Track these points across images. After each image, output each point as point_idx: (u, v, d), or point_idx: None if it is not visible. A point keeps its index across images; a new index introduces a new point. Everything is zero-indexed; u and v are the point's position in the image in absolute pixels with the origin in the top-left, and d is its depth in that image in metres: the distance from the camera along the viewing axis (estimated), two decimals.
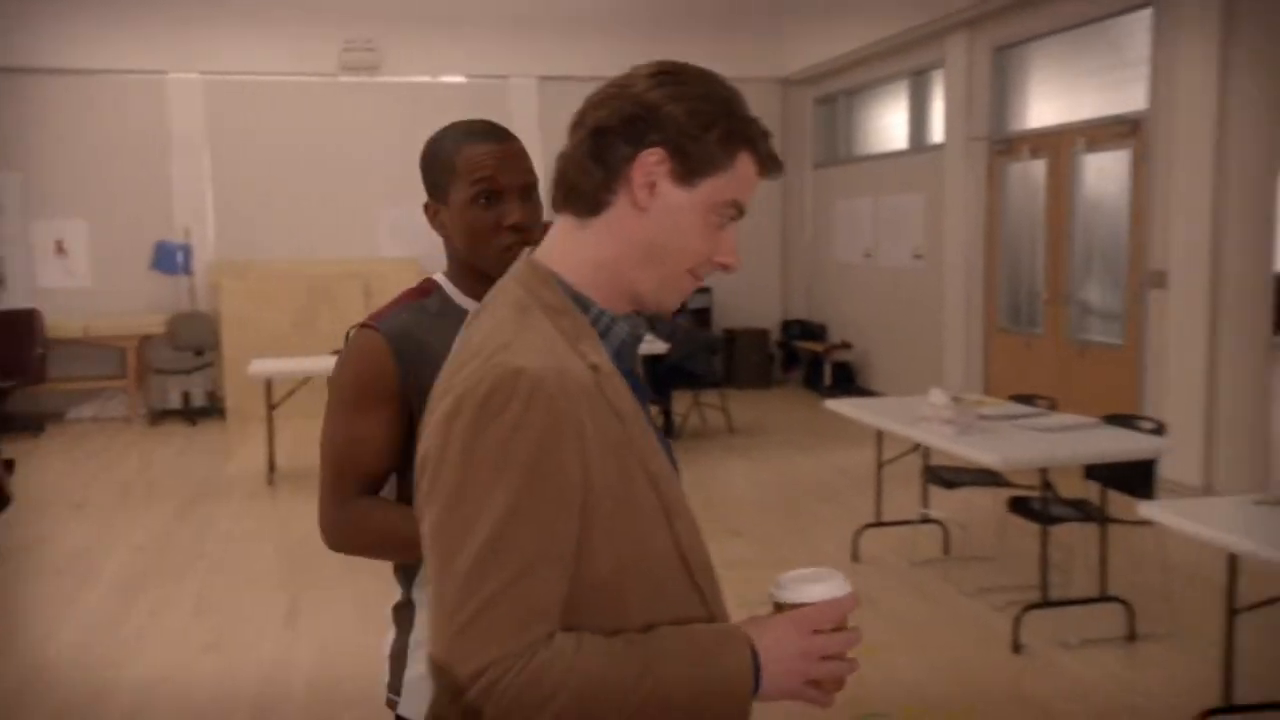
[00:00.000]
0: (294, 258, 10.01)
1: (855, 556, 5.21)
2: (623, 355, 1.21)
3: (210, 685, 3.93)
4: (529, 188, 1.68)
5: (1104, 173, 6.94)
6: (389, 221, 10.28)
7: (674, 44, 10.51)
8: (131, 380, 9.55)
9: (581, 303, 1.19)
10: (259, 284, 9.64)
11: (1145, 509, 3.20)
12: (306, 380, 7.49)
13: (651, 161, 1.16)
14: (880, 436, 5.19)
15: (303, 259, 10.01)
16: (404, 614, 1.74)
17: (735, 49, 10.68)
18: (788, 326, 11.05)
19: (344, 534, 1.68)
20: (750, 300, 11.02)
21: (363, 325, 1.71)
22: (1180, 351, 6.20)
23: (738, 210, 1.20)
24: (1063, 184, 7.26)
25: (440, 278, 1.77)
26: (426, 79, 10.26)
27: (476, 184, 1.65)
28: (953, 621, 4.41)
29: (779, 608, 1.19)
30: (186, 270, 9.59)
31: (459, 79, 10.36)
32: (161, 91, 9.74)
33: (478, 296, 1.65)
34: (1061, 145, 7.24)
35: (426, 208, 1.73)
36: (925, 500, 5.28)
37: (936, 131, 8.84)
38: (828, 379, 10.21)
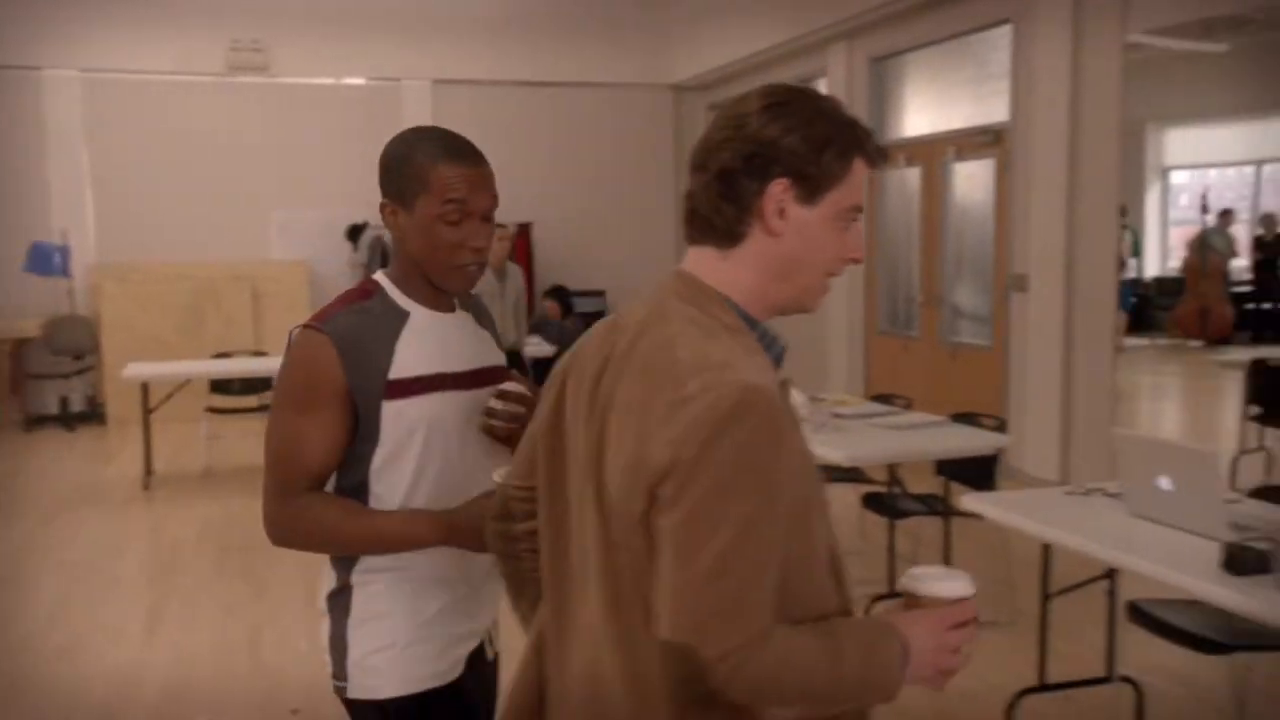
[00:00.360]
0: (179, 260, 9.82)
1: None
2: (777, 367, 1.34)
3: (60, 692, 3.87)
4: (492, 211, 1.75)
5: (972, 180, 7.21)
6: (279, 224, 10.16)
7: (566, 49, 10.62)
8: (4, 385, 9.28)
9: (750, 322, 1.31)
10: (142, 287, 9.44)
11: (969, 501, 3.37)
12: (185, 384, 7.37)
13: (778, 191, 1.27)
14: None
15: (188, 261, 9.83)
16: (340, 599, 1.80)
17: (626, 54, 10.82)
18: None
19: (289, 529, 1.73)
20: None
21: (306, 326, 1.73)
22: (1039, 352, 6.47)
23: (858, 210, 1.33)
24: (935, 191, 7.52)
25: (383, 279, 1.80)
26: (317, 80, 10.17)
27: (449, 204, 1.69)
28: None
29: (914, 599, 1.30)
30: (64, 272, 9.35)
31: (351, 81, 10.29)
32: (37, 87, 9.49)
33: (423, 300, 1.79)
34: (934, 154, 7.49)
35: (384, 208, 1.75)
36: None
37: None
38: None
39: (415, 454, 1.75)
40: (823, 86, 8.88)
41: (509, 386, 1.82)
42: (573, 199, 10.84)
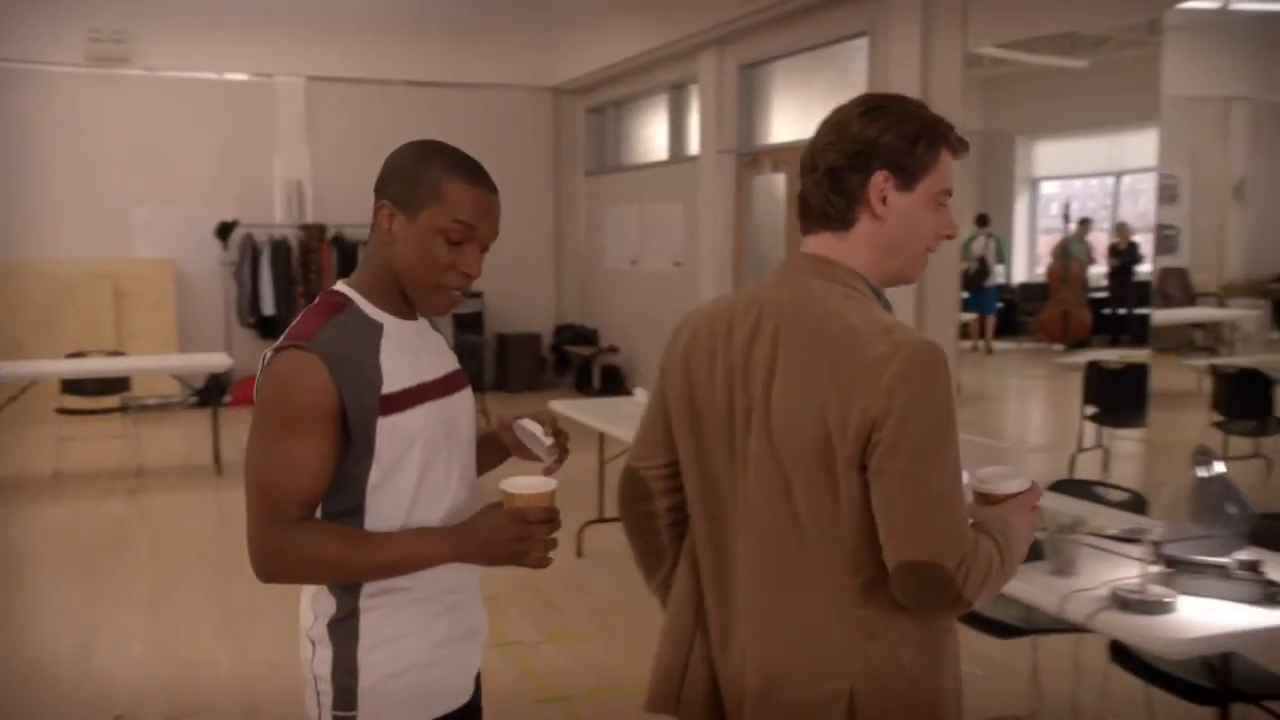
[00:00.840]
0: (35, 257, 9.47)
1: (579, 552, 5.39)
2: None
3: None
4: (490, 244, 1.70)
5: None
6: (144, 221, 9.88)
7: (445, 49, 10.57)
8: None
9: (875, 292, 1.58)
10: None
11: None
12: (32, 384, 7.13)
13: (879, 181, 1.54)
14: (602, 437, 5.38)
15: (45, 258, 9.49)
16: (347, 625, 1.69)
17: (506, 56, 10.82)
18: (560, 331, 11.23)
19: (288, 563, 1.61)
20: (524, 305, 11.14)
21: (290, 346, 1.62)
22: None
23: (948, 193, 1.58)
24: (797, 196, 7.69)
25: (348, 290, 1.70)
26: (185, 74, 9.91)
27: (456, 223, 1.64)
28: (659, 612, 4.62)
29: (988, 498, 1.62)
30: None
31: (221, 76, 10.06)
32: None
33: (392, 310, 1.72)
34: (797, 160, 7.66)
35: (381, 209, 1.66)
36: None
37: (694, 143, 9.20)
38: (597, 382, 10.44)
39: (413, 468, 1.67)
40: (694, 92, 9.02)
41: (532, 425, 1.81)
42: None
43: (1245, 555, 2.45)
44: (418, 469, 1.67)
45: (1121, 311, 12.63)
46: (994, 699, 3.60)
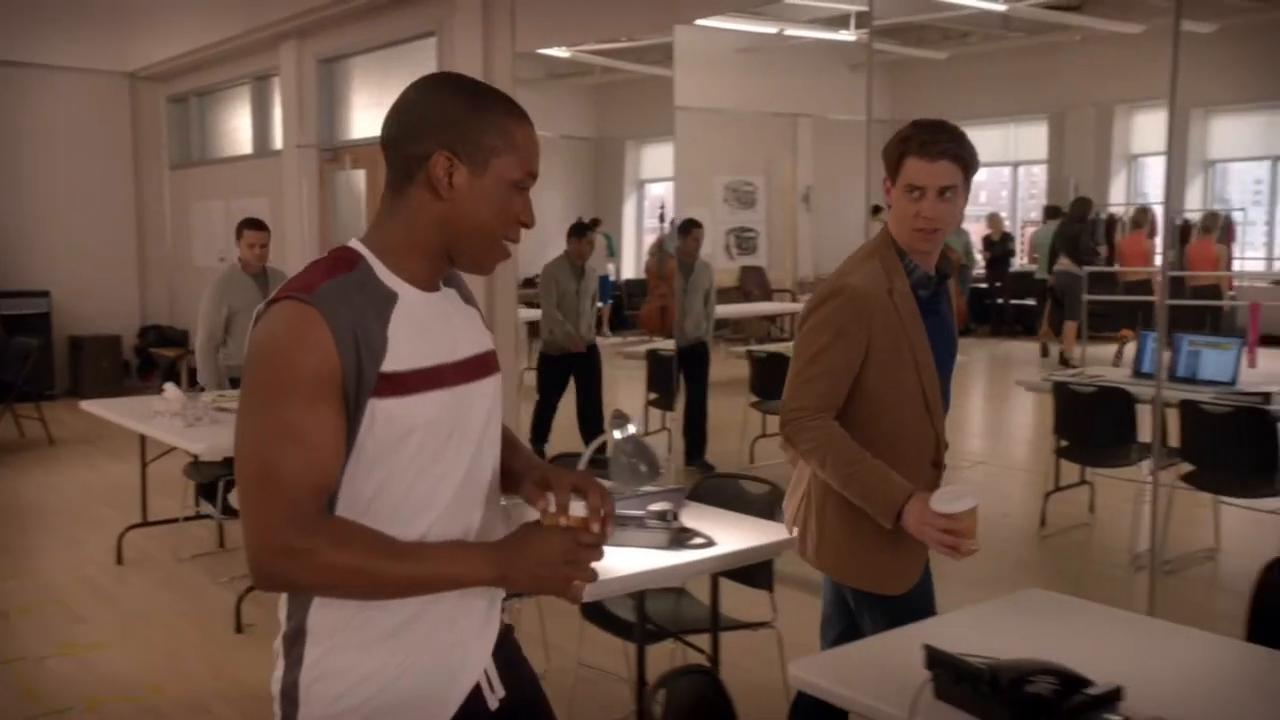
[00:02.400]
0: None
1: (119, 559, 5.10)
2: (918, 285, 2.30)
3: None
4: None
5: None
6: None
7: (11, 28, 9.56)
8: None
9: (901, 254, 2.30)
10: None
11: None
12: None
13: (889, 179, 2.29)
14: (143, 439, 5.13)
15: None
16: (295, 645, 1.44)
17: (78, 38, 9.97)
18: (146, 332, 10.53)
19: (303, 569, 1.33)
20: (101, 306, 10.32)
21: (287, 297, 1.35)
22: None
23: (914, 186, 2.23)
24: (378, 193, 7.69)
25: (363, 249, 1.45)
26: None
27: (529, 173, 1.45)
28: (191, 612, 4.48)
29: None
30: None
31: None
32: None
33: (412, 279, 1.44)
34: (376, 157, 7.66)
35: (439, 159, 1.40)
36: (198, 497, 5.31)
37: (278, 137, 8.95)
38: (185, 384, 9.87)
39: (402, 467, 1.40)
40: (276, 85, 8.79)
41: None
42: (11, 192, 9.79)
43: (658, 507, 2.78)
44: (400, 470, 1.41)
45: (1000, 301, 13.61)
46: None
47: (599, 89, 15.34)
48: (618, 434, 2.71)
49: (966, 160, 2.23)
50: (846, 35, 8.15)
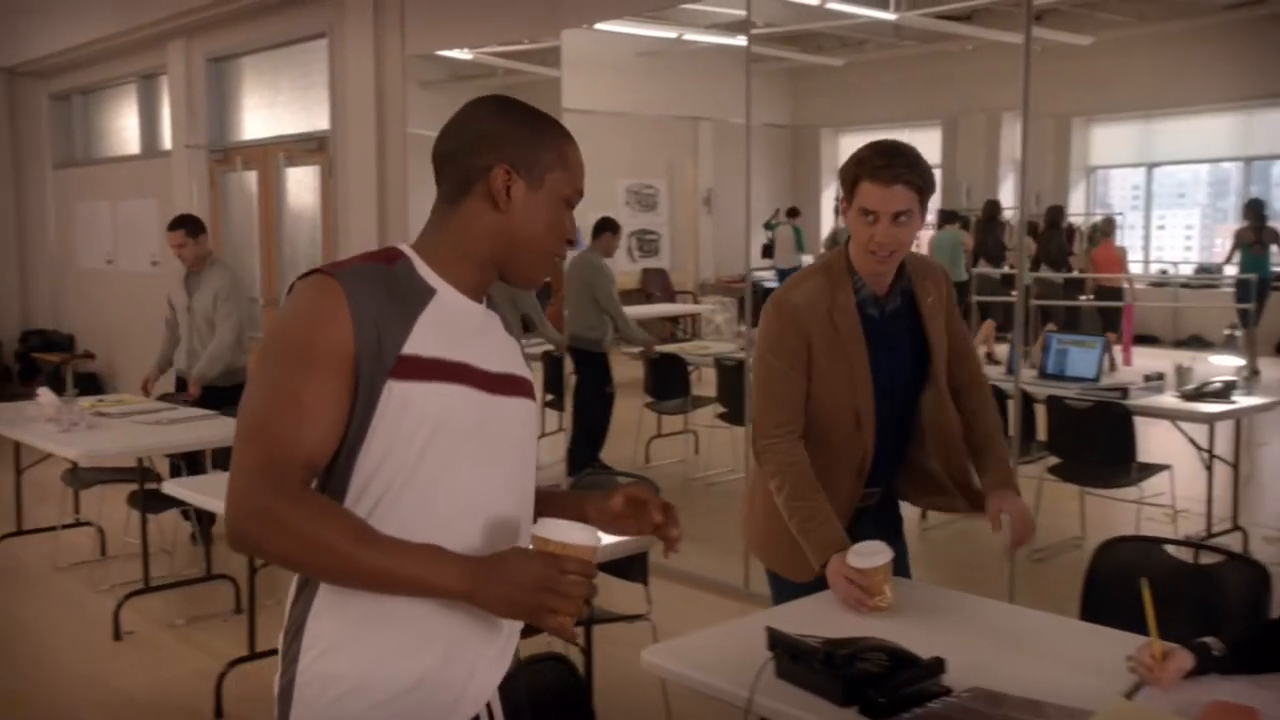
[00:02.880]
0: None
1: None
2: (865, 304, 2.34)
3: None
4: None
5: (302, 185, 7.41)
6: None
7: None
8: None
9: (852, 272, 2.33)
10: None
11: (168, 486, 3.47)
12: None
13: (845, 200, 2.33)
14: (18, 446, 4.99)
15: None
16: (292, 644, 1.41)
17: None
18: (28, 337, 10.20)
19: (275, 533, 1.29)
20: None
21: (315, 271, 1.39)
22: None
23: (868, 210, 2.24)
24: (270, 195, 7.62)
25: (408, 249, 1.48)
26: None
27: (577, 191, 1.51)
28: (66, 622, 4.38)
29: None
30: None
31: None
32: None
33: (459, 286, 1.47)
34: (268, 158, 7.59)
35: (498, 171, 1.45)
36: (77, 503, 5.19)
37: (166, 138, 8.77)
38: (71, 389, 9.59)
39: (409, 460, 1.37)
40: (164, 84, 8.60)
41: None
42: None
43: None
44: (414, 461, 1.37)
45: None
46: None
47: (503, 91, 15.31)
48: None
49: (921, 185, 2.24)
50: (741, 40, 8.30)
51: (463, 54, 13.09)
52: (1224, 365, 5.05)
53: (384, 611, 1.38)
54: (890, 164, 2.21)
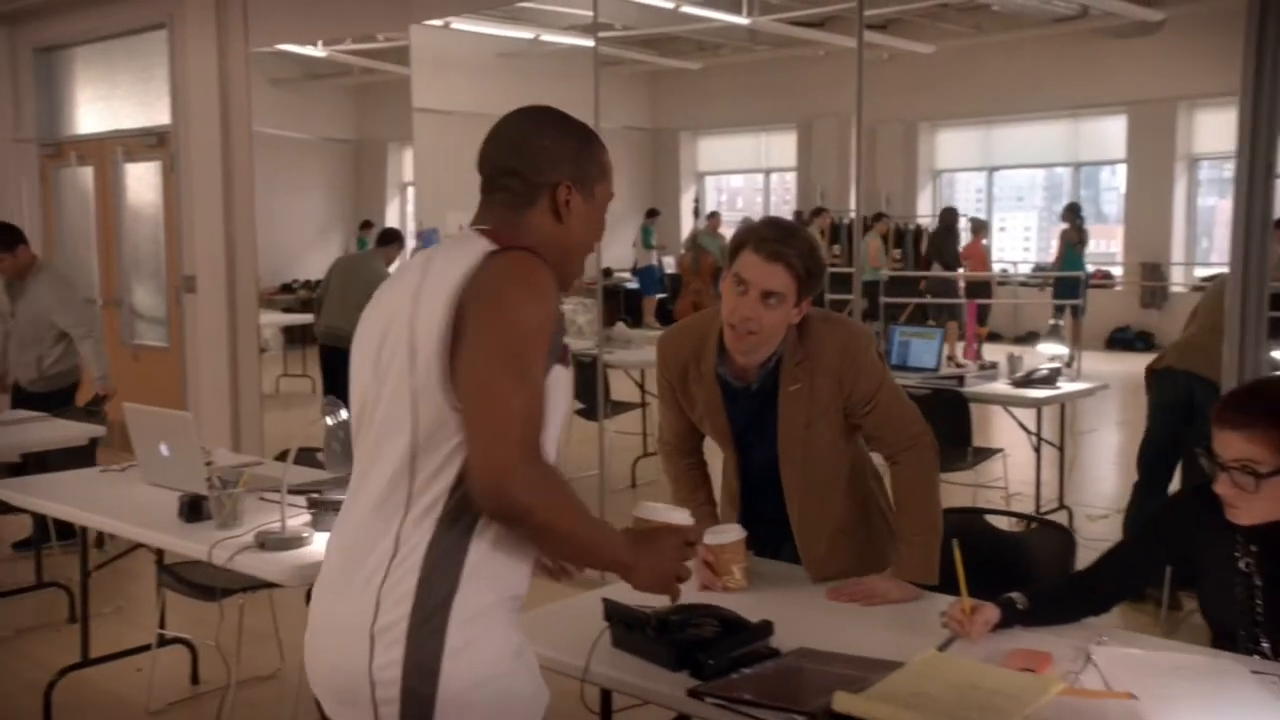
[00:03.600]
0: None
1: None
2: (723, 374, 2.28)
3: None
4: None
5: (142, 181, 7.14)
6: None
7: None
8: None
9: (721, 341, 2.24)
10: None
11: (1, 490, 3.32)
12: None
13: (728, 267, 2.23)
14: None
15: None
16: (432, 619, 1.49)
17: None
18: None
19: (544, 495, 1.44)
20: None
21: (528, 250, 1.54)
22: (208, 351, 6.62)
23: (741, 279, 2.15)
24: (108, 191, 7.32)
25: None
26: None
27: (611, 196, 1.70)
28: None
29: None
30: None
31: None
32: None
33: None
34: (105, 153, 7.29)
35: (560, 188, 1.62)
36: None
37: None
38: None
39: (554, 438, 1.56)
40: None
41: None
42: None
43: None
44: (555, 439, 1.56)
45: None
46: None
47: (359, 90, 15.04)
48: (329, 420, 2.73)
49: (802, 274, 2.12)
50: (589, 42, 8.34)
51: (317, 51, 12.73)
52: (1050, 354, 5.33)
53: (507, 596, 1.56)
54: (778, 240, 2.11)
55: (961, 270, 11.47)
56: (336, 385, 6.35)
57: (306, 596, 3.18)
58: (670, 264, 14.58)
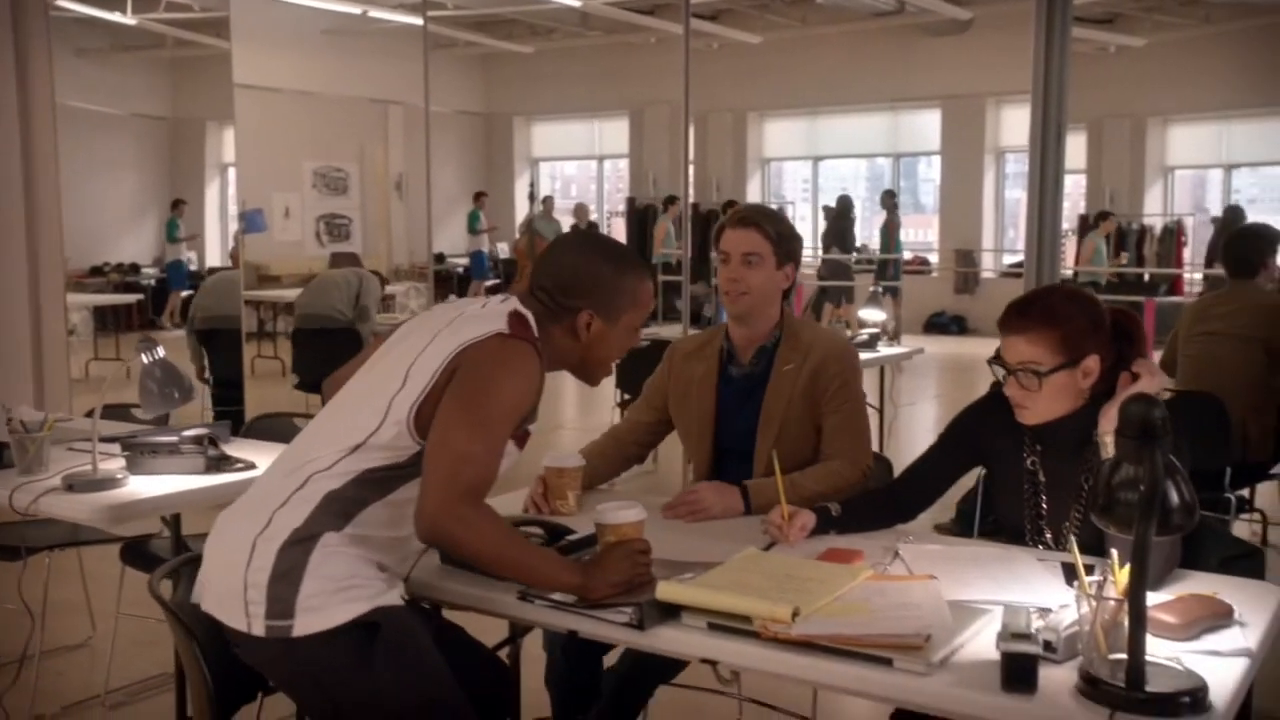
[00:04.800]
0: None
1: None
2: (728, 362, 2.48)
3: None
4: None
5: None
6: None
7: None
8: None
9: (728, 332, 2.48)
10: None
11: None
12: None
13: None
14: None
15: None
16: (301, 548, 1.72)
17: None
18: None
19: (464, 534, 1.69)
20: None
21: (521, 338, 1.78)
22: (8, 335, 6.21)
23: (723, 252, 2.44)
24: None
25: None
26: None
27: (643, 318, 1.93)
28: None
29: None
30: None
31: None
32: None
33: None
34: None
35: (583, 315, 1.86)
36: None
37: None
38: None
39: None
40: None
41: None
42: None
43: (193, 433, 2.71)
44: None
45: None
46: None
47: (174, 64, 14.37)
48: (145, 358, 2.63)
49: (771, 234, 2.38)
50: (415, 20, 8.21)
51: (126, 19, 12.09)
52: (870, 319, 5.59)
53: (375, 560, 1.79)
54: (746, 211, 2.49)
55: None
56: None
57: (123, 554, 3.09)
58: (505, 249, 14.54)
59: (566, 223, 13.76)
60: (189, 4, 11.08)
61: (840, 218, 11.98)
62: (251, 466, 2.68)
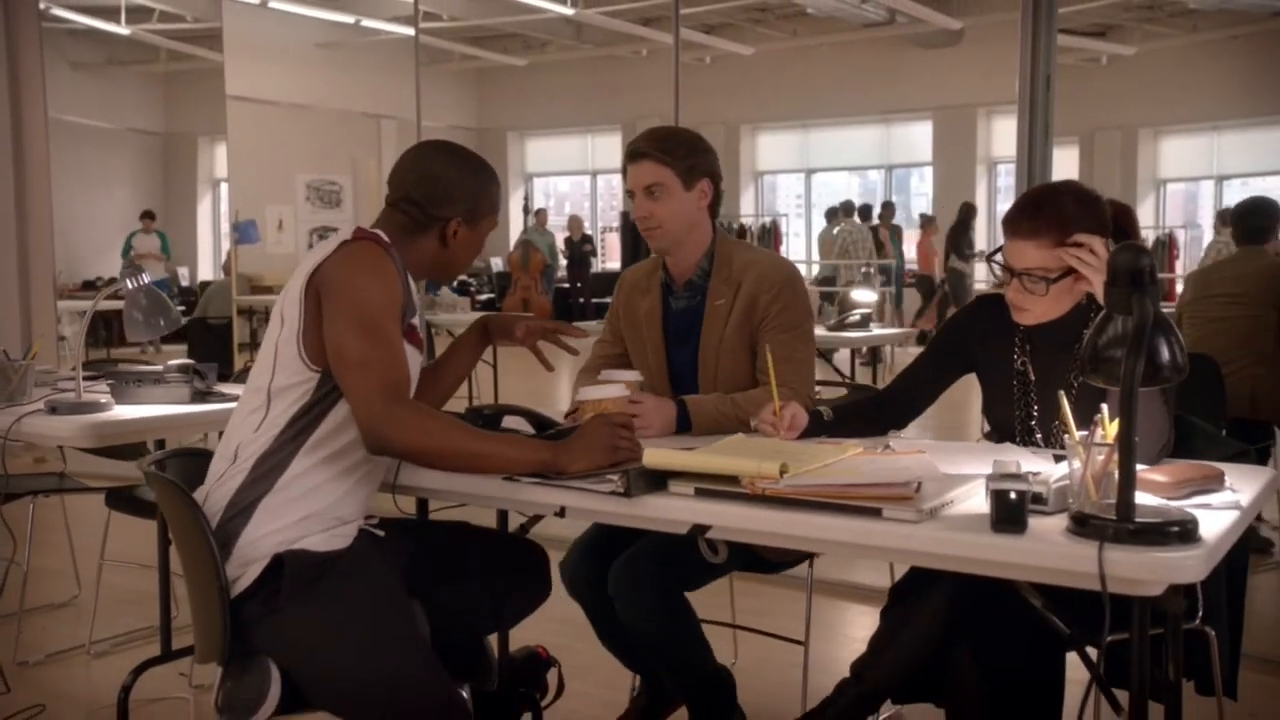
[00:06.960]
0: None
1: None
2: (668, 292, 2.42)
3: None
4: None
5: None
6: None
7: None
8: None
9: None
10: None
11: None
12: None
13: None
14: None
15: None
16: (269, 466, 1.77)
17: None
18: None
19: (408, 434, 1.68)
20: None
21: (373, 240, 1.80)
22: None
23: (630, 190, 2.34)
24: None
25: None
26: None
27: (495, 226, 1.97)
28: None
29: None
30: None
31: None
32: None
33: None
34: None
35: (450, 223, 1.89)
36: None
37: None
38: None
39: None
40: None
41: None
42: None
43: (177, 362, 2.70)
44: None
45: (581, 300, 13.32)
46: None
47: (168, 78, 14.43)
48: (130, 283, 2.61)
49: (666, 159, 2.25)
50: (408, 30, 8.22)
51: (120, 28, 12.16)
52: (862, 299, 5.59)
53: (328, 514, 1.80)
54: (639, 144, 2.29)
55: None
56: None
57: (109, 499, 3.06)
58: (499, 263, 14.56)
59: (560, 236, 13.79)
60: (182, 15, 11.16)
61: (961, 225, 11.91)
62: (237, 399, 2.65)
